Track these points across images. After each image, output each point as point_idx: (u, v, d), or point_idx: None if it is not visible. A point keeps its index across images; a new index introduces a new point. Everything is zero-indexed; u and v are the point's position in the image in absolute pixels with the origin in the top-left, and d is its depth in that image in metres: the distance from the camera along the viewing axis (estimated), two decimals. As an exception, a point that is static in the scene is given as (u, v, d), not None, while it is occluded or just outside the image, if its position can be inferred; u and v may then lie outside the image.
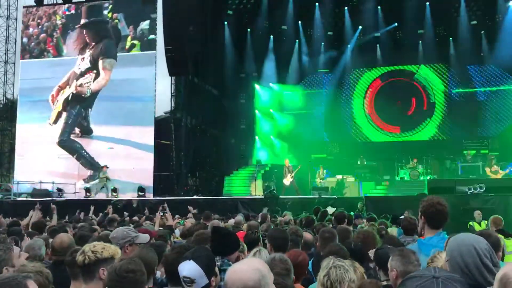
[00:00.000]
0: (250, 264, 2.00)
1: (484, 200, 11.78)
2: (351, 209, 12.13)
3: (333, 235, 4.36)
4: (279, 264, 2.90)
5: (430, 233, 3.28)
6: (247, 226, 6.36)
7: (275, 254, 3.11)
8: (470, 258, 2.02)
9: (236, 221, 7.28)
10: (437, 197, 3.38)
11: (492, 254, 2.02)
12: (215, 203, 14.87)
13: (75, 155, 19.61)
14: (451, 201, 11.34)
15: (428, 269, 1.48)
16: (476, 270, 2.00)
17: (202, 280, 2.65)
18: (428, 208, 3.28)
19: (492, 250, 2.04)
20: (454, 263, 2.06)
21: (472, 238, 2.10)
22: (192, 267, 2.69)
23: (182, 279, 2.71)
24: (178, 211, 11.68)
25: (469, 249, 2.04)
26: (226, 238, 3.57)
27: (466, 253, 2.04)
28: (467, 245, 2.06)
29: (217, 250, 3.41)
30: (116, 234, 3.79)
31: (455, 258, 2.07)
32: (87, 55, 20.07)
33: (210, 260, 2.79)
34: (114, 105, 19.59)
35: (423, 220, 3.32)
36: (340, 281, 2.62)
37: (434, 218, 3.27)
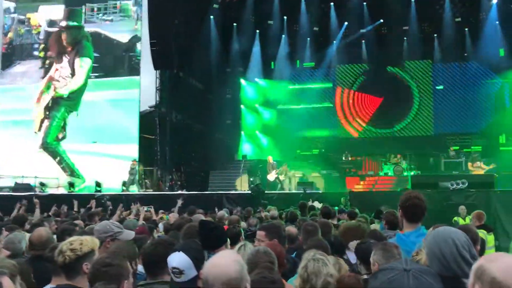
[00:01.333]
0: (229, 257, 2.01)
1: (466, 196, 11.94)
2: (336, 204, 12.20)
3: (315, 228, 4.38)
4: (264, 257, 2.91)
5: (409, 228, 3.32)
6: (228, 221, 6.36)
7: (259, 247, 3.11)
8: (448, 249, 2.04)
9: (219, 216, 7.27)
10: (415, 191, 3.43)
11: (471, 247, 2.04)
12: (200, 198, 14.79)
13: (57, 159, 19.32)
14: (433, 197, 11.57)
15: (400, 262, 1.48)
16: (453, 261, 2.02)
17: (191, 272, 2.66)
18: (405, 202, 3.32)
19: (470, 243, 2.06)
20: (432, 254, 2.08)
21: (451, 230, 2.12)
22: (181, 258, 2.70)
23: (171, 270, 2.72)
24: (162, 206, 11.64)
25: (447, 240, 2.05)
26: (214, 232, 3.56)
27: (444, 244, 2.05)
28: (445, 236, 2.08)
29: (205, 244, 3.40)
30: (99, 227, 3.76)
31: (433, 249, 2.09)
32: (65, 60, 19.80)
33: (199, 253, 2.80)
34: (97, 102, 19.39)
35: (401, 214, 3.37)
36: (316, 273, 2.63)
37: (411, 212, 3.31)
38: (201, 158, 20.91)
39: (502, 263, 1.51)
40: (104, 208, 11.17)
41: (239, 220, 6.39)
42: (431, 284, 1.41)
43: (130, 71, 19.65)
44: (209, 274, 1.95)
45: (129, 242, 3.51)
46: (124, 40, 19.81)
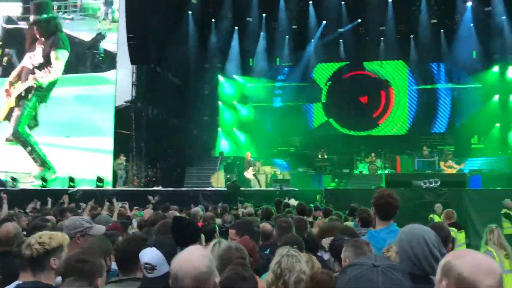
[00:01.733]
0: (197, 252, 2.01)
1: (438, 194, 12.17)
2: (312, 201, 12.29)
3: (290, 225, 4.40)
4: (236, 253, 2.91)
5: (381, 225, 3.36)
6: (202, 217, 6.34)
7: (231, 244, 3.11)
8: (419, 248, 2.06)
9: (193, 212, 7.23)
10: (388, 189, 3.49)
11: (440, 245, 2.07)
12: (175, 195, 14.71)
13: (28, 149, 18.87)
14: (407, 195, 11.75)
15: (369, 258, 1.49)
16: (424, 260, 2.05)
17: (163, 267, 2.64)
18: (378, 200, 3.36)
19: (440, 241, 2.09)
20: (404, 253, 2.10)
21: (422, 229, 2.14)
22: (153, 254, 2.69)
23: (143, 265, 2.69)
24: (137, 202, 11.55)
25: (419, 240, 2.08)
26: (188, 229, 3.53)
27: (415, 244, 2.08)
28: (416, 235, 2.10)
29: (178, 240, 3.38)
30: (69, 223, 3.69)
31: (404, 248, 2.11)
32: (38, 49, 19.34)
33: (172, 248, 2.79)
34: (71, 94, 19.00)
35: (374, 212, 3.41)
36: (290, 269, 2.64)
37: (384, 210, 3.36)
38: (178, 154, 20.77)
39: (468, 259, 1.54)
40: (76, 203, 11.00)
41: (214, 217, 6.38)
42: (399, 280, 1.42)
43: (93, 68, 19.31)
44: (178, 269, 1.93)
45: (103, 238, 3.47)
46: (86, 38, 19.47)
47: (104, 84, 19.00)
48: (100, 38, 19.27)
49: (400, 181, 13.74)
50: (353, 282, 1.43)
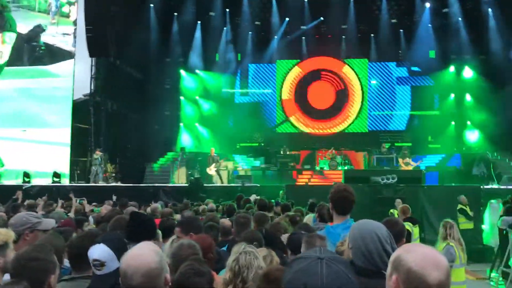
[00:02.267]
0: (147, 248, 1.98)
1: (395, 190, 12.48)
2: (274, 197, 12.36)
3: (248, 221, 4.39)
4: (188, 250, 2.87)
5: (337, 220, 3.40)
6: (160, 214, 6.26)
7: (183, 240, 3.07)
8: (373, 244, 2.09)
9: (152, 208, 7.13)
10: (345, 184, 3.52)
11: (392, 240, 2.11)
12: (135, 191, 14.48)
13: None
14: (365, 191, 12.00)
15: (314, 250, 1.50)
16: (377, 256, 2.08)
17: (113, 264, 2.58)
18: (335, 194, 3.39)
19: (391, 236, 2.12)
20: (357, 250, 2.13)
21: (373, 225, 2.17)
22: (102, 250, 2.63)
23: (92, 263, 2.63)
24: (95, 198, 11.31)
25: (372, 236, 2.10)
26: (144, 224, 3.47)
27: (369, 240, 2.10)
28: (369, 232, 2.12)
29: (134, 236, 3.30)
30: (15, 220, 3.52)
31: (358, 245, 2.13)
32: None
33: (122, 244, 2.71)
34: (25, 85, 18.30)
35: (331, 206, 3.44)
36: (248, 266, 2.62)
37: (340, 204, 3.39)
38: (138, 150, 20.42)
39: (418, 253, 1.56)
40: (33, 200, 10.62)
41: (172, 213, 6.31)
42: (343, 271, 1.45)
43: (33, 61, 18.50)
44: (128, 266, 1.89)
45: (56, 234, 3.35)
46: (23, 31, 18.49)
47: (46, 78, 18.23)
48: (40, 31, 18.41)
49: (359, 177, 14.02)
50: (298, 274, 1.45)
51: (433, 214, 12.26)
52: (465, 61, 21.55)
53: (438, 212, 12.04)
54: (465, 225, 11.32)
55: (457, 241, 5.83)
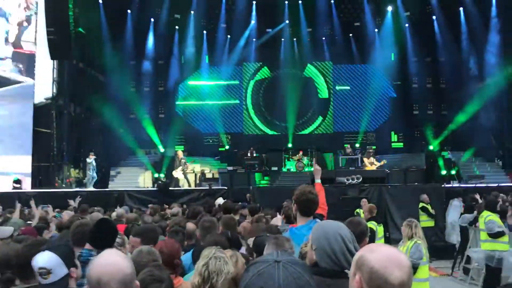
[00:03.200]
0: (117, 254, 1.96)
1: (360, 190, 12.70)
2: (241, 199, 12.34)
3: (213, 224, 4.36)
4: (147, 256, 2.83)
5: (302, 221, 3.41)
6: (126, 219, 6.14)
7: (142, 247, 3.02)
8: (337, 245, 2.11)
9: (118, 214, 6.99)
10: (309, 186, 3.53)
11: (354, 240, 2.13)
12: (99, 196, 14.17)
13: None
14: (331, 191, 12.14)
15: (271, 254, 1.51)
16: (342, 256, 2.10)
17: (60, 271, 2.49)
18: (300, 196, 3.40)
19: (353, 235, 2.14)
20: (322, 251, 2.14)
21: (336, 225, 2.19)
22: (48, 257, 2.53)
23: (38, 271, 2.52)
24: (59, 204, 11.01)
25: (335, 237, 2.12)
26: (107, 231, 3.39)
27: (333, 240, 2.12)
28: (333, 232, 2.14)
29: (98, 243, 3.24)
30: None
31: (322, 245, 2.15)
32: None
33: (69, 250, 2.62)
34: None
35: (295, 208, 3.45)
36: (218, 272, 2.58)
37: (305, 206, 3.41)
38: (102, 154, 20.01)
39: (380, 253, 1.59)
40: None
41: (138, 218, 6.20)
42: (300, 273, 1.45)
43: None
44: (102, 273, 1.85)
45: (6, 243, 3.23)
46: None
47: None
48: None
49: (325, 178, 14.10)
50: (255, 278, 1.44)
51: (397, 213, 12.54)
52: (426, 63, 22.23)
53: (402, 211, 12.33)
54: (427, 223, 11.63)
55: (423, 239, 5.97)
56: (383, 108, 23.44)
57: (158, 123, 21.84)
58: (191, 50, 22.41)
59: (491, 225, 7.61)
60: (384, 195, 12.88)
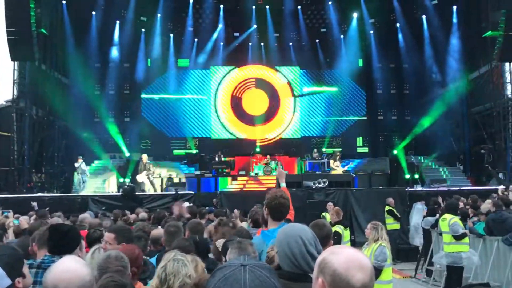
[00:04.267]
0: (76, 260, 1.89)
1: (326, 194, 12.83)
2: (208, 204, 12.26)
3: (178, 229, 4.30)
4: (115, 262, 2.76)
5: (273, 225, 3.41)
6: (89, 224, 5.99)
7: (110, 252, 2.94)
8: (297, 248, 2.10)
9: (80, 219, 6.81)
10: (280, 190, 3.55)
11: (317, 242, 2.13)
12: (62, 201, 13.81)
13: None
14: (298, 195, 12.22)
15: (238, 258, 1.50)
16: (302, 259, 2.10)
17: (3, 282, 2.37)
18: (271, 200, 3.41)
19: (316, 238, 2.14)
20: (283, 253, 2.14)
21: (298, 228, 2.18)
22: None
23: None
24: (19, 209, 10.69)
25: (296, 240, 2.12)
26: (66, 236, 3.28)
27: (293, 243, 2.12)
28: (293, 236, 2.14)
29: (56, 249, 3.13)
30: None
31: (283, 249, 2.15)
32: None
33: (15, 259, 2.49)
34: None
35: (267, 212, 3.45)
36: (175, 274, 2.57)
37: (278, 210, 3.42)
38: (65, 158, 19.51)
39: (342, 255, 1.58)
40: None
41: (101, 224, 6.05)
42: (266, 277, 1.45)
43: None
44: (59, 280, 1.80)
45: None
46: None
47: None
48: None
49: (292, 182, 14.25)
50: (221, 282, 1.43)
51: (362, 216, 12.73)
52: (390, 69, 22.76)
53: (367, 214, 12.52)
54: (393, 226, 11.86)
55: (387, 242, 6.05)
56: (349, 113, 23.80)
57: (123, 127, 21.47)
58: (157, 53, 22.20)
59: (456, 227, 7.79)
60: (349, 198, 13.05)
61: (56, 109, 18.78)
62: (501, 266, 8.00)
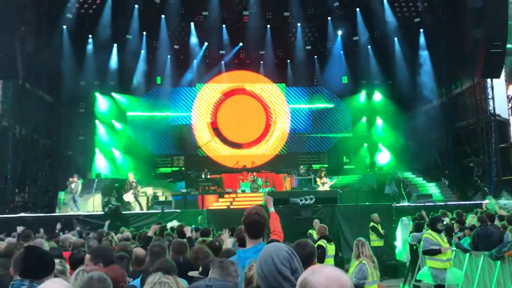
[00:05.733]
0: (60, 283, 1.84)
1: (313, 210, 12.82)
2: (194, 222, 12.15)
3: (162, 249, 4.23)
4: (97, 284, 2.69)
5: (249, 244, 3.37)
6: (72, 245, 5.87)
7: (92, 273, 2.88)
8: (267, 267, 2.10)
9: (62, 240, 6.68)
10: (257, 207, 3.49)
11: (292, 261, 2.11)
12: (46, 221, 13.56)
13: None
14: (285, 212, 12.18)
15: (204, 280, 1.49)
16: (272, 278, 2.09)
17: None
18: (246, 218, 3.37)
19: (291, 257, 2.12)
20: (257, 274, 2.14)
21: (272, 248, 2.17)
22: None
23: None
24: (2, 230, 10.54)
25: (267, 259, 2.12)
26: (39, 259, 3.19)
27: (264, 263, 2.12)
28: (266, 255, 2.14)
29: (28, 272, 3.04)
30: None
31: (257, 269, 2.15)
32: None
33: None
34: None
35: (244, 230, 3.41)
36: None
37: (251, 228, 3.36)
38: (49, 177, 19.26)
39: (322, 274, 1.59)
40: None
41: (85, 244, 5.94)
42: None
43: None
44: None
45: None
46: None
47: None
48: None
49: (279, 199, 14.22)
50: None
51: (349, 232, 12.72)
52: (375, 86, 22.98)
53: (354, 230, 12.51)
54: (376, 243, 11.82)
55: (369, 258, 6.03)
56: (335, 130, 23.97)
57: (108, 145, 21.30)
58: (141, 71, 22.16)
59: (424, 243, 7.82)
60: (336, 215, 13.05)
61: (40, 127, 18.62)
62: (487, 281, 8.02)
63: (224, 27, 22.41)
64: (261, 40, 22.82)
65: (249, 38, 22.46)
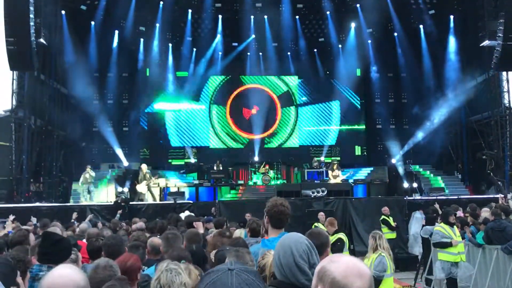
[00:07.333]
0: (71, 267, 1.92)
1: (325, 203, 12.80)
2: (207, 213, 12.24)
3: (176, 236, 4.29)
4: (103, 272, 2.74)
5: (273, 233, 3.41)
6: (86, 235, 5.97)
7: (99, 261, 2.93)
8: (285, 259, 2.13)
9: (81, 229, 6.78)
10: (281, 198, 3.55)
11: (310, 255, 2.13)
12: (61, 211, 13.77)
13: None
14: (296, 204, 12.20)
15: (226, 263, 1.54)
16: (289, 270, 2.11)
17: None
18: (271, 208, 3.42)
19: (310, 251, 2.14)
20: (274, 263, 2.17)
21: (293, 239, 2.19)
22: None
23: None
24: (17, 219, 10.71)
25: (286, 250, 2.14)
26: (56, 245, 3.26)
27: (282, 255, 2.14)
28: (285, 246, 2.16)
29: (46, 257, 3.12)
30: None
31: (275, 258, 2.18)
32: None
33: (8, 268, 2.50)
34: None
35: (267, 220, 3.45)
36: (170, 284, 2.55)
37: (276, 218, 3.42)
38: (64, 168, 19.49)
39: (341, 263, 1.59)
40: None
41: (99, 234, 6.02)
42: (252, 280, 1.50)
43: None
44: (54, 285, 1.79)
45: None
46: None
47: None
48: None
49: (291, 191, 14.26)
50: (209, 287, 1.48)
51: (361, 225, 12.70)
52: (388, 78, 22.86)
53: (366, 223, 12.49)
54: (388, 235, 11.77)
55: (387, 251, 6.01)
56: (347, 122, 23.84)
57: (122, 136, 21.47)
58: (156, 62, 22.28)
59: (435, 235, 7.80)
60: (348, 207, 13.02)
61: (55, 119, 18.82)
62: (501, 275, 7.98)
63: (237, 19, 22.30)
64: (275, 32, 22.67)
65: (263, 30, 22.37)
